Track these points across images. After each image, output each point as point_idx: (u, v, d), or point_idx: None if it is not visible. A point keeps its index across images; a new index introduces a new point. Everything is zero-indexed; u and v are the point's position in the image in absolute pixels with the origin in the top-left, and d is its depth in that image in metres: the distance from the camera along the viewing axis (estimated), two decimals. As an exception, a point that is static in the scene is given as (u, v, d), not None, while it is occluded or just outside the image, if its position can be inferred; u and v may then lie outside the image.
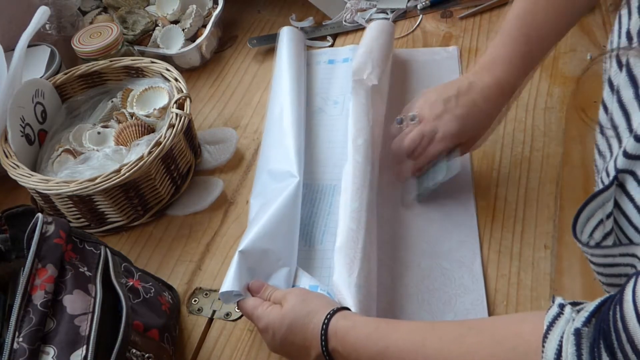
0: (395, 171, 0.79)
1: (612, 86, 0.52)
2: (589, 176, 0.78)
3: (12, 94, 0.80)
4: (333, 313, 0.59)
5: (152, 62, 0.88)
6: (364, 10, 1.08)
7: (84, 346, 0.54)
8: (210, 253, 0.79)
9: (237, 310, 0.69)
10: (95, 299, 0.58)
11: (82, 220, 0.81)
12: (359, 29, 1.07)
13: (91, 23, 1.04)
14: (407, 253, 0.74)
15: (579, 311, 0.44)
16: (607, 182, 0.49)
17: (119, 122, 0.87)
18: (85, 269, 0.60)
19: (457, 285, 0.69)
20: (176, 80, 0.85)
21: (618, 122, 0.51)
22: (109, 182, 0.73)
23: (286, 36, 0.98)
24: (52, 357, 0.53)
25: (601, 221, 0.49)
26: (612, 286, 0.54)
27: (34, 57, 0.94)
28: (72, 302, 0.56)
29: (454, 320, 0.65)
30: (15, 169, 0.77)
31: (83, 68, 0.90)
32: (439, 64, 0.96)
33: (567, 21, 0.75)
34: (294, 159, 0.80)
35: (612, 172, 0.49)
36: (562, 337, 0.43)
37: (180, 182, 0.84)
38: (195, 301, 0.73)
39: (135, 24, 1.04)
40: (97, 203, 0.78)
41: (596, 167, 0.57)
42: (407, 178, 0.78)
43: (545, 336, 0.44)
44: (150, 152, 0.76)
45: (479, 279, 0.69)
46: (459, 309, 0.67)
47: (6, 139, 0.79)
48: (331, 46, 1.04)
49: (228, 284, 0.65)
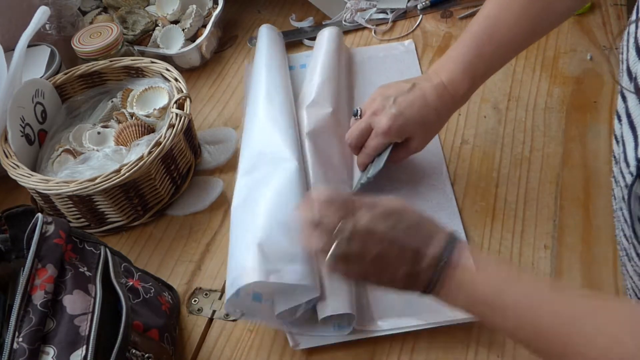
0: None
1: (630, 75, 0.51)
2: (589, 176, 0.79)
3: (12, 94, 0.80)
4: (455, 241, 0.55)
5: (152, 62, 0.88)
6: (364, 10, 1.08)
7: (84, 346, 0.54)
8: (210, 253, 0.79)
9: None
10: (95, 299, 0.58)
11: (82, 220, 0.81)
12: (358, 28, 1.07)
13: (91, 23, 1.04)
14: None
15: None
16: (627, 172, 0.48)
17: (119, 122, 0.87)
18: (85, 269, 0.60)
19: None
20: (176, 80, 0.85)
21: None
22: (109, 182, 0.74)
23: (265, 35, 0.98)
24: (52, 357, 0.53)
25: None
26: None
27: (34, 57, 0.94)
28: (72, 302, 0.56)
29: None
30: (15, 169, 0.77)
31: (83, 68, 0.90)
32: (397, 59, 0.99)
33: (537, 30, 0.74)
34: (288, 143, 0.78)
35: (634, 163, 0.48)
36: None
37: (180, 182, 0.84)
38: (195, 301, 0.73)
39: (135, 24, 1.04)
40: (97, 203, 0.78)
41: (614, 157, 0.56)
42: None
43: None
44: (150, 152, 0.76)
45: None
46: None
47: (6, 139, 0.79)
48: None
49: (250, 276, 0.62)
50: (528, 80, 0.91)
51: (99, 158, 0.80)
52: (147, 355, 0.59)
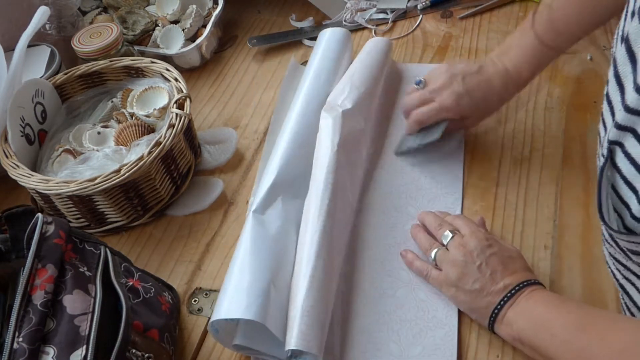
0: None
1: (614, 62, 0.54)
2: (589, 176, 0.79)
3: (12, 94, 0.80)
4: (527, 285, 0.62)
5: (152, 62, 0.88)
6: (364, 10, 1.08)
7: (84, 346, 0.54)
8: (210, 253, 0.79)
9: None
10: (95, 299, 0.58)
11: (82, 220, 0.81)
12: (358, 28, 1.07)
13: (91, 23, 1.04)
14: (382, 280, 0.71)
15: None
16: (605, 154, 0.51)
17: (119, 122, 0.87)
18: (85, 269, 0.60)
19: (430, 317, 0.67)
20: (176, 80, 0.85)
21: (612, 96, 0.53)
22: (109, 182, 0.74)
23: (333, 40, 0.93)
24: (52, 357, 0.53)
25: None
26: (629, 281, 0.54)
27: (34, 57, 0.94)
28: (72, 302, 0.56)
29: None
30: (15, 169, 0.77)
31: (83, 68, 0.90)
32: None
33: (595, 20, 0.75)
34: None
35: (605, 145, 0.50)
36: None
37: (180, 182, 0.84)
38: (195, 301, 0.73)
39: (135, 24, 1.04)
40: (97, 203, 0.78)
41: (599, 138, 0.59)
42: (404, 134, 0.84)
43: None
44: (150, 152, 0.76)
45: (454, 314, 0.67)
46: (428, 343, 0.65)
47: (6, 139, 0.79)
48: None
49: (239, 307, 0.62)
50: (528, 80, 0.91)
51: (99, 158, 0.80)
52: (147, 355, 0.59)
